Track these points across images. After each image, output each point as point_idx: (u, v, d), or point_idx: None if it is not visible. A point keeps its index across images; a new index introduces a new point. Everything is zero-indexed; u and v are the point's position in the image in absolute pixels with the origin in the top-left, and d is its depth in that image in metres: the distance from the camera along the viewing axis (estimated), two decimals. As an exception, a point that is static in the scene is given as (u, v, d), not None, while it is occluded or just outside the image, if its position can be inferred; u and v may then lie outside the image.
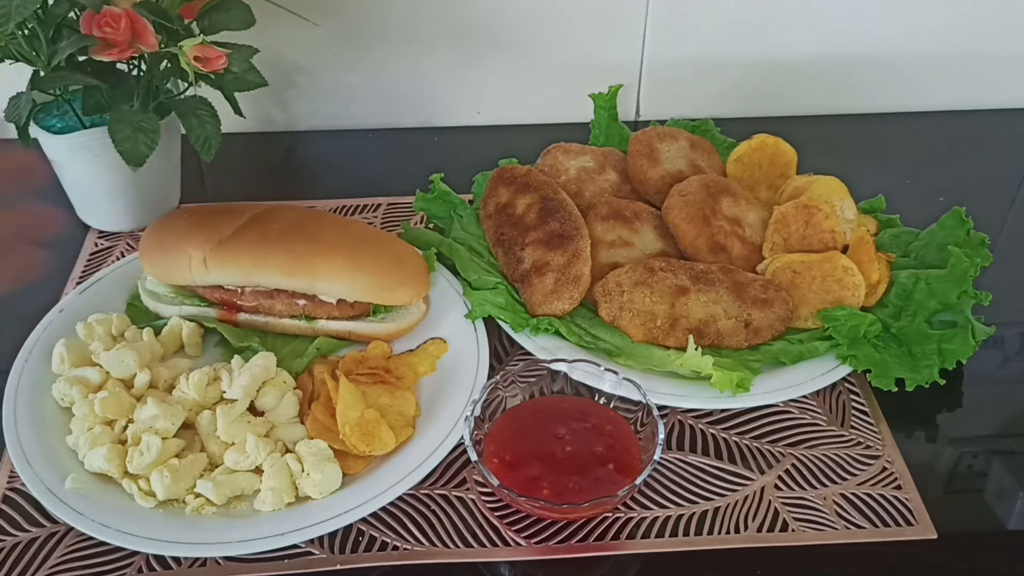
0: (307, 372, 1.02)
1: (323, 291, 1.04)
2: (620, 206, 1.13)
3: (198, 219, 1.08)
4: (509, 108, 1.46)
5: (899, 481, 0.93)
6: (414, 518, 0.89)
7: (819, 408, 1.00)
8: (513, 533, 0.88)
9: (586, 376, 0.96)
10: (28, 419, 0.94)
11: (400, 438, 0.94)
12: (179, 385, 0.96)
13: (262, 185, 1.35)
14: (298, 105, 1.43)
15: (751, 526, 0.89)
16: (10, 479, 0.92)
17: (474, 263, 1.11)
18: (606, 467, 0.88)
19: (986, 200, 1.29)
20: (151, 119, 1.06)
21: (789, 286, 1.05)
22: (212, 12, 1.10)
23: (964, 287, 1.01)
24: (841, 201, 1.12)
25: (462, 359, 1.02)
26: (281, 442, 0.93)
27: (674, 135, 1.21)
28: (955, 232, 1.10)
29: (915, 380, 0.99)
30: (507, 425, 0.93)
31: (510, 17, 1.37)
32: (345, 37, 1.37)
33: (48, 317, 1.05)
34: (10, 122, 1.05)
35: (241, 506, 0.90)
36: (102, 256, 1.19)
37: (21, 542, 0.87)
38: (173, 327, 1.04)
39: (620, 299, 1.02)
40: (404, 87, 1.43)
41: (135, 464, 0.89)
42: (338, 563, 0.86)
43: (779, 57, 1.43)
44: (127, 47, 1.00)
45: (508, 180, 1.14)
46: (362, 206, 1.28)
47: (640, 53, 1.42)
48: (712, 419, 0.99)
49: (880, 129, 1.47)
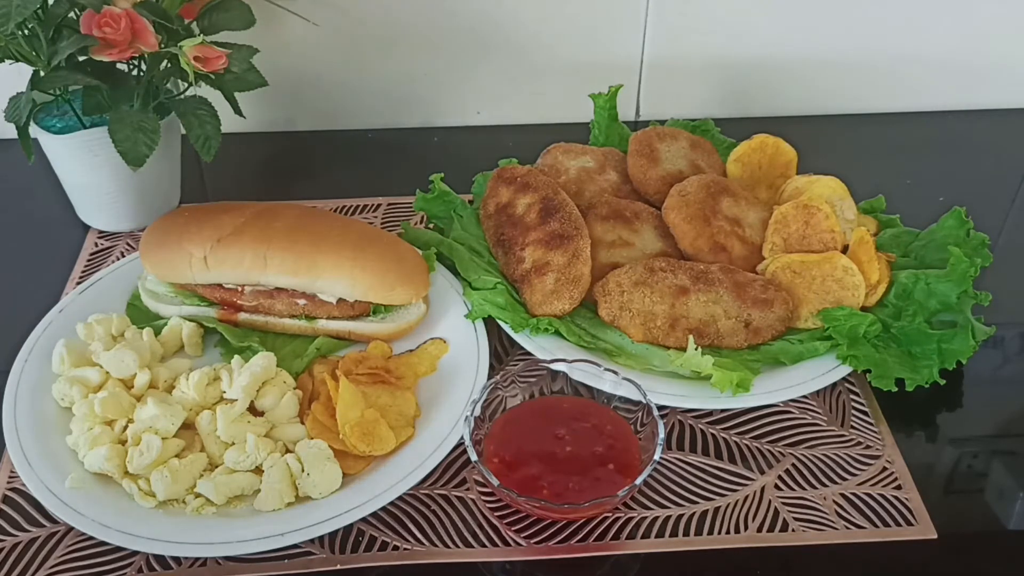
0: (307, 372, 1.02)
1: (323, 290, 1.04)
2: (620, 206, 1.13)
3: (199, 217, 1.08)
4: (509, 108, 1.46)
5: (899, 481, 0.93)
6: (414, 518, 0.89)
7: (819, 408, 1.00)
8: (513, 533, 0.88)
9: (586, 376, 0.96)
10: (28, 419, 0.94)
11: (400, 438, 0.94)
12: (179, 385, 0.96)
13: (262, 185, 1.35)
14: (298, 105, 1.43)
15: (751, 526, 0.89)
16: (10, 479, 0.92)
17: (474, 263, 1.10)
18: (606, 467, 0.88)
19: (986, 200, 1.29)
20: (151, 119, 1.06)
21: (789, 286, 1.05)
22: (212, 12, 1.11)
23: (964, 287, 1.01)
24: (841, 201, 1.12)
25: (462, 359, 1.02)
26: (281, 442, 0.93)
27: (674, 135, 1.21)
28: (955, 232, 1.10)
29: (915, 380, 0.99)
30: (507, 425, 0.93)
31: (510, 17, 1.37)
32: (345, 37, 1.37)
33: (48, 317, 1.05)
34: (10, 122, 1.05)
35: (241, 506, 0.90)
36: (102, 256, 1.19)
37: (21, 542, 0.87)
38: (173, 327, 1.04)
39: (620, 299, 1.02)
40: (404, 87, 1.43)
41: (135, 464, 0.89)
42: (338, 563, 0.86)
43: (779, 57, 1.43)
44: (127, 47, 1.00)
45: (508, 180, 1.14)
46: (362, 206, 1.28)
47: (640, 53, 1.42)
48: (712, 419, 0.99)
49: (880, 129, 1.47)
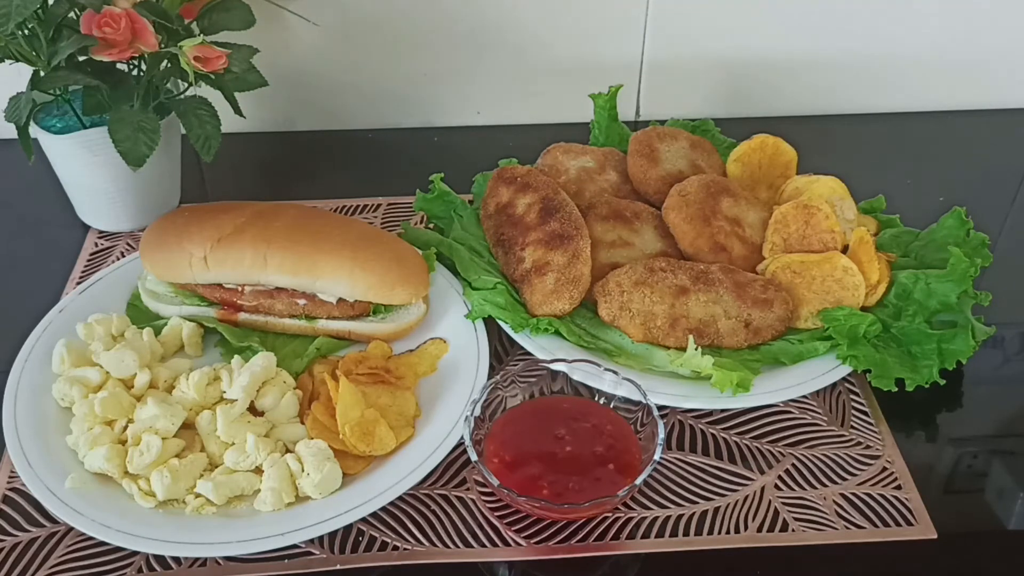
0: (307, 372, 1.02)
1: (323, 290, 1.04)
2: (620, 206, 1.13)
3: (199, 217, 1.08)
4: (509, 108, 1.46)
5: (899, 481, 0.93)
6: (414, 518, 0.89)
7: (819, 408, 1.00)
8: (513, 533, 0.88)
9: (586, 376, 0.96)
10: (28, 419, 0.94)
11: (400, 438, 0.94)
12: (179, 385, 0.96)
13: (262, 185, 1.35)
14: (298, 105, 1.43)
15: (751, 526, 0.89)
16: (10, 479, 0.92)
17: (474, 263, 1.10)
18: (606, 467, 0.88)
19: (986, 200, 1.29)
20: (151, 119, 1.06)
21: (789, 286, 1.05)
22: (212, 12, 1.11)
23: (964, 287, 1.01)
24: (841, 201, 1.12)
25: (462, 359, 1.02)
26: (281, 442, 0.93)
27: (674, 135, 1.21)
28: (955, 232, 1.10)
29: (915, 380, 0.99)
30: (507, 425, 0.92)
31: (510, 17, 1.37)
32: (345, 37, 1.37)
33: (48, 317, 1.05)
34: (10, 122, 1.05)
35: (241, 506, 0.90)
36: (102, 256, 1.19)
37: (21, 542, 0.87)
38: (173, 327, 1.04)
39: (620, 299, 1.02)
40: (404, 87, 1.43)
41: (135, 464, 0.89)
42: (338, 563, 0.86)
43: (779, 57, 1.43)
44: (127, 47, 1.00)
45: (508, 180, 1.14)
46: (362, 206, 1.28)
47: (640, 53, 1.42)
48: (712, 419, 0.99)
49: (880, 129, 1.47)
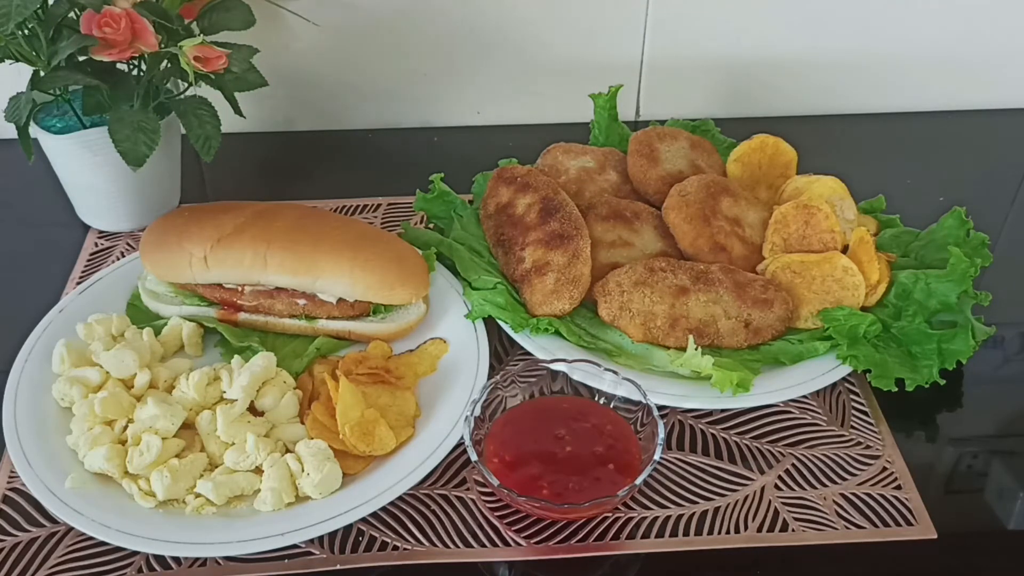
0: (307, 372, 1.02)
1: (323, 290, 1.04)
2: (620, 206, 1.13)
3: (199, 217, 1.08)
4: (509, 108, 1.46)
5: (899, 481, 0.93)
6: (414, 518, 0.89)
7: (819, 408, 1.00)
8: (513, 533, 0.88)
9: (586, 376, 0.96)
10: (28, 419, 0.94)
11: (400, 438, 0.94)
12: (179, 385, 0.96)
13: (262, 185, 1.35)
14: (298, 105, 1.43)
15: (751, 526, 0.89)
16: (10, 479, 0.92)
17: (474, 263, 1.10)
18: (606, 467, 0.88)
19: (986, 200, 1.29)
20: (151, 119, 1.06)
21: (789, 286, 1.05)
22: (212, 12, 1.11)
23: (964, 287, 1.01)
24: (841, 201, 1.12)
25: (462, 359, 1.02)
26: (281, 442, 0.93)
27: (674, 135, 1.21)
28: (955, 232, 1.10)
29: (915, 380, 0.99)
30: (507, 425, 0.92)
31: (510, 17, 1.37)
32: (345, 37, 1.37)
33: (48, 317, 1.05)
34: (10, 122, 1.05)
35: (241, 506, 0.90)
36: (102, 256, 1.19)
37: (21, 542, 0.87)
38: (173, 327, 1.04)
39: (620, 299, 1.02)
40: (404, 87, 1.43)
41: (135, 464, 0.89)
42: (338, 563, 0.86)
43: (779, 57, 1.43)
44: (127, 47, 1.00)
45: (508, 180, 1.14)
46: (362, 206, 1.28)
47: (640, 53, 1.42)
48: (712, 419, 0.99)
49: (880, 129, 1.47)
